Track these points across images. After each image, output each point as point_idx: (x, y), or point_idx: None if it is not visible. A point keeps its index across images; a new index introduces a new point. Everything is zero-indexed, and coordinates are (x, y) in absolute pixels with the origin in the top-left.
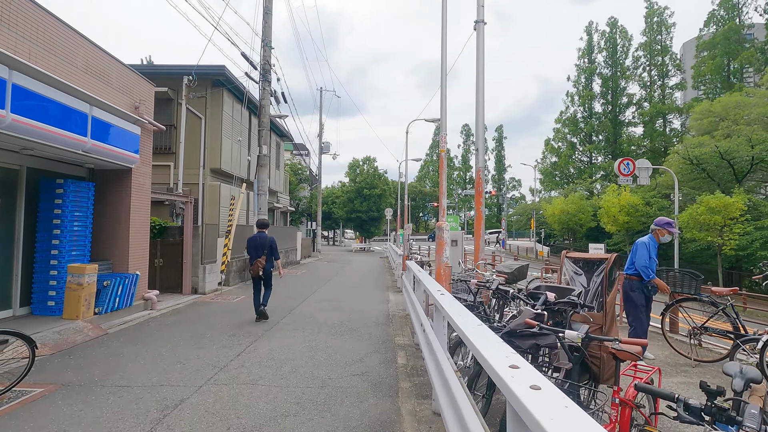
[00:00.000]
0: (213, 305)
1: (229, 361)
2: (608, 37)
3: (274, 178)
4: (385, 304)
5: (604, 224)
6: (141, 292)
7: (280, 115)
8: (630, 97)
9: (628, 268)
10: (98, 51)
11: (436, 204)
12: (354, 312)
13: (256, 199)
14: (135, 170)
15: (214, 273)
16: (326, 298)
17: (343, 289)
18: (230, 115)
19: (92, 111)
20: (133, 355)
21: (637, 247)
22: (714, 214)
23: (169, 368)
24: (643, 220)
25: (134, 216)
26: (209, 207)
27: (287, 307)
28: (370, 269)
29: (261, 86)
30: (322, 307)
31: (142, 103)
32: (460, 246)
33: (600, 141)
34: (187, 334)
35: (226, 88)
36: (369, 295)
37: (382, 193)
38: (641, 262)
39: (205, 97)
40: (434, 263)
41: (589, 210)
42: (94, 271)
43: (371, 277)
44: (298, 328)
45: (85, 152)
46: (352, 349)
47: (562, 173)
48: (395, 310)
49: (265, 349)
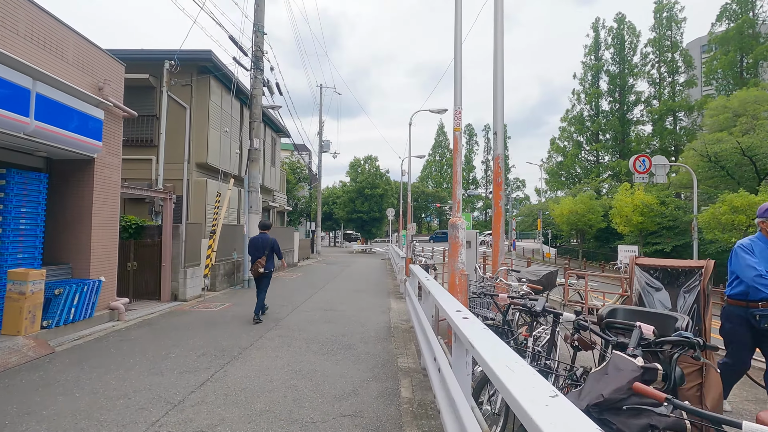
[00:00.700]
0: (191, 315)
1: (188, 394)
2: (616, 33)
3: (269, 176)
4: (385, 313)
5: (616, 225)
6: (106, 300)
7: (273, 105)
8: (638, 94)
9: (730, 287)
10: (48, 18)
11: (439, 204)
12: (350, 323)
13: (247, 197)
14: (99, 161)
15: (197, 277)
16: (320, 306)
17: (340, 296)
18: (218, 105)
19: (36, 87)
20: (70, 384)
21: (736, 254)
22: (738, 214)
23: (107, 406)
24: (657, 220)
25: (98, 213)
26: (195, 204)
27: (275, 317)
28: (371, 272)
29: (252, 74)
30: (314, 317)
31: (108, 84)
32: (474, 248)
33: (607, 140)
34: (149, 353)
35: (214, 75)
36: (368, 303)
37: (383, 193)
38: (748, 273)
39: (191, 85)
40: (440, 266)
41: (599, 210)
42: (40, 277)
43: (371, 281)
44: (283, 344)
45: (28, 136)
46: (344, 375)
47: (568, 173)
48: (397, 321)
49: (237, 374)
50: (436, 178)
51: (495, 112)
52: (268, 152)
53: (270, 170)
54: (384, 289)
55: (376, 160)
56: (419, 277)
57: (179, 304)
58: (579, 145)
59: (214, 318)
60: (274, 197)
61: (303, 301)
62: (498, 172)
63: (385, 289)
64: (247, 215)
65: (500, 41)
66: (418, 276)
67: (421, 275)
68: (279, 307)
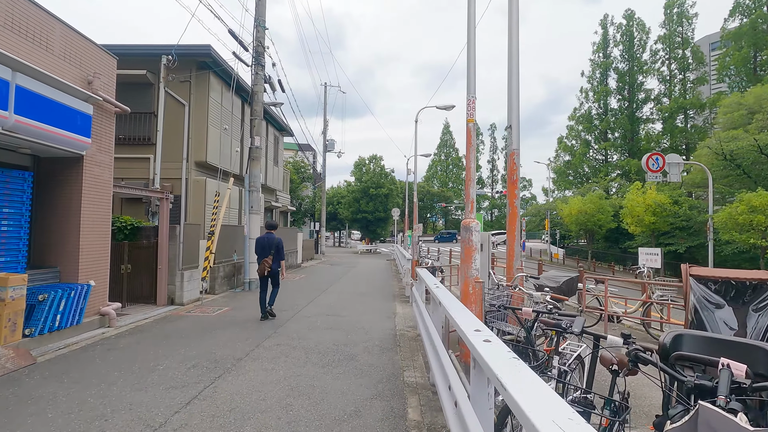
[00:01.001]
0: (187, 320)
1: (171, 415)
2: (625, 30)
3: (272, 175)
4: (391, 319)
5: (627, 225)
6: (96, 305)
7: (275, 102)
8: (648, 92)
9: None
10: (30, 5)
11: (444, 204)
12: (353, 330)
13: (248, 196)
14: (89, 159)
15: (195, 280)
16: (323, 310)
17: (344, 299)
18: (218, 102)
19: (16, 78)
20: (45, 401)
21: None
22: (756, 214)
23: (81, 430)
24: (670, 220)
25: (88, 214)
26: (194, 205)
27: (274, 323)
28: (376, 274)
29: (253, 70)
30: (315, 323)
31: (98, 77)
32: (486, 252)
33: (616, 138)
34: (136, 364)
35: (213, 71)
36: (373, 307)
37: (389, 192)
38: None
39: (190, 81)
40: (446, 267)
41: (608, 210)
42: (21, 282)
43: (376, 283)
44: (280, 354)
45: (7, 131)
46: (346, 391)
47: (575, 172)
48: (403, 328)
49: (228, 390)
50: (442, 178)
51: (510, 105)
52: (271, 151)
53: (272, 169)
54: (389, 292)
55: (381, 160)
56: (427, 283)
57: (175, 309)
58: (587, 144)
59: (211, 324)
60: (277, 197)
61: (305, 305)
62: (513, 169)
63: (390, 292)
64: (248, 215)
65: (515, 33)
66: (426, 282)
67: (429, 281)
68: (280, 312)
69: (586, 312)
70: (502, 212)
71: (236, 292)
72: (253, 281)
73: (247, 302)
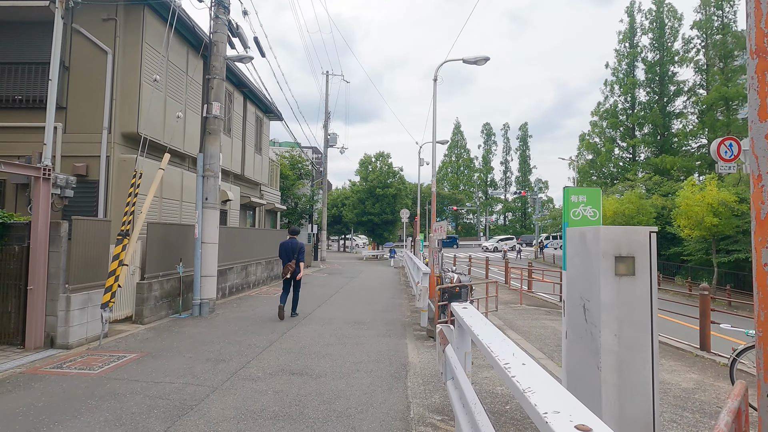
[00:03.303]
0: (47, 385)
1: None
2: (655, 16)
3: (253, 164)
4: (400, 381)
5: (680, 228)
6: None
7: (242, 56)
8: (680, 84)
9: None
10: None
11: (456, 207)
12: (327, 421)
13: (201, 184)
14: None
15: (95, 307)
16: (287, 363)
17: (329, 335)
18: (159, 52)
19: None
20: None
21: None
22: None
23: None
24: (735, 222)
25: None
26: (118, 193)
27: (179, 401)
28: (380, 289)
29: (213, 12)
30: (259, 404)
31: None
32: None
33: (645, 135)
34: None
35: (151, 6)
36: (370, 352)
37: (396, 192)
38: None
39: (115, 19)
40: (462, 276)
41: (650, 211)
42: None
43: (380, 304)
44: None
45: None
46: None
47: (599, 172)
48: (424, 410)
49: None
50: (452, 180)
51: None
52: (252, 135)
53: (254, 158)
54: (397, 319)
55: (389, 157)
56: (487, 350)
57: (51, 356)
58: (612, 141)
59: (76, 400)
60: (262, 193)
61: (261, 349)
62: None
63: (398, 318)
64: (200, 210)
65: None
66: (497, 362)
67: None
68: (205, 369)
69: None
70: (516, 216)
71: (180, 318)
72: (205, 303)
73: (181, 338)
